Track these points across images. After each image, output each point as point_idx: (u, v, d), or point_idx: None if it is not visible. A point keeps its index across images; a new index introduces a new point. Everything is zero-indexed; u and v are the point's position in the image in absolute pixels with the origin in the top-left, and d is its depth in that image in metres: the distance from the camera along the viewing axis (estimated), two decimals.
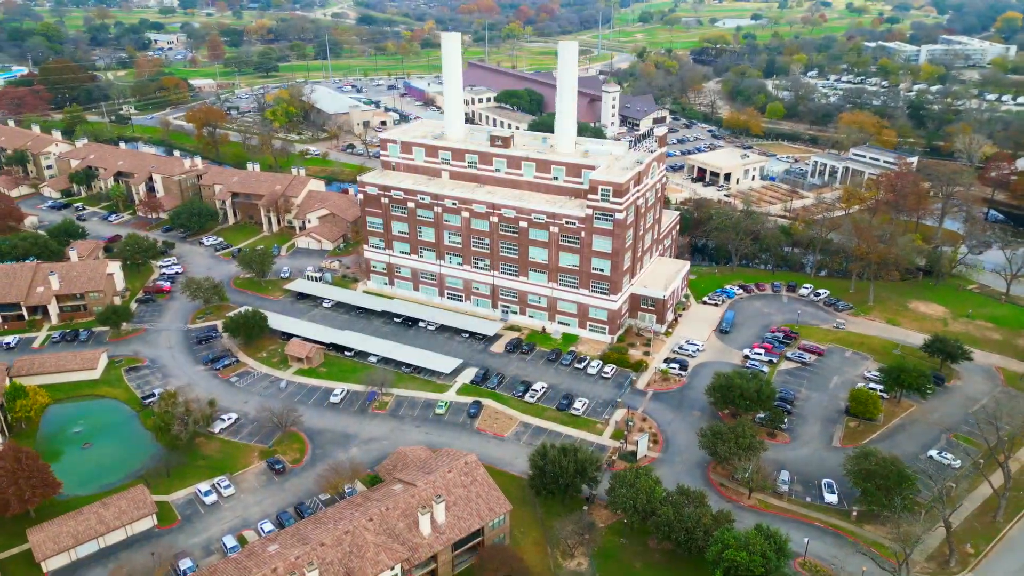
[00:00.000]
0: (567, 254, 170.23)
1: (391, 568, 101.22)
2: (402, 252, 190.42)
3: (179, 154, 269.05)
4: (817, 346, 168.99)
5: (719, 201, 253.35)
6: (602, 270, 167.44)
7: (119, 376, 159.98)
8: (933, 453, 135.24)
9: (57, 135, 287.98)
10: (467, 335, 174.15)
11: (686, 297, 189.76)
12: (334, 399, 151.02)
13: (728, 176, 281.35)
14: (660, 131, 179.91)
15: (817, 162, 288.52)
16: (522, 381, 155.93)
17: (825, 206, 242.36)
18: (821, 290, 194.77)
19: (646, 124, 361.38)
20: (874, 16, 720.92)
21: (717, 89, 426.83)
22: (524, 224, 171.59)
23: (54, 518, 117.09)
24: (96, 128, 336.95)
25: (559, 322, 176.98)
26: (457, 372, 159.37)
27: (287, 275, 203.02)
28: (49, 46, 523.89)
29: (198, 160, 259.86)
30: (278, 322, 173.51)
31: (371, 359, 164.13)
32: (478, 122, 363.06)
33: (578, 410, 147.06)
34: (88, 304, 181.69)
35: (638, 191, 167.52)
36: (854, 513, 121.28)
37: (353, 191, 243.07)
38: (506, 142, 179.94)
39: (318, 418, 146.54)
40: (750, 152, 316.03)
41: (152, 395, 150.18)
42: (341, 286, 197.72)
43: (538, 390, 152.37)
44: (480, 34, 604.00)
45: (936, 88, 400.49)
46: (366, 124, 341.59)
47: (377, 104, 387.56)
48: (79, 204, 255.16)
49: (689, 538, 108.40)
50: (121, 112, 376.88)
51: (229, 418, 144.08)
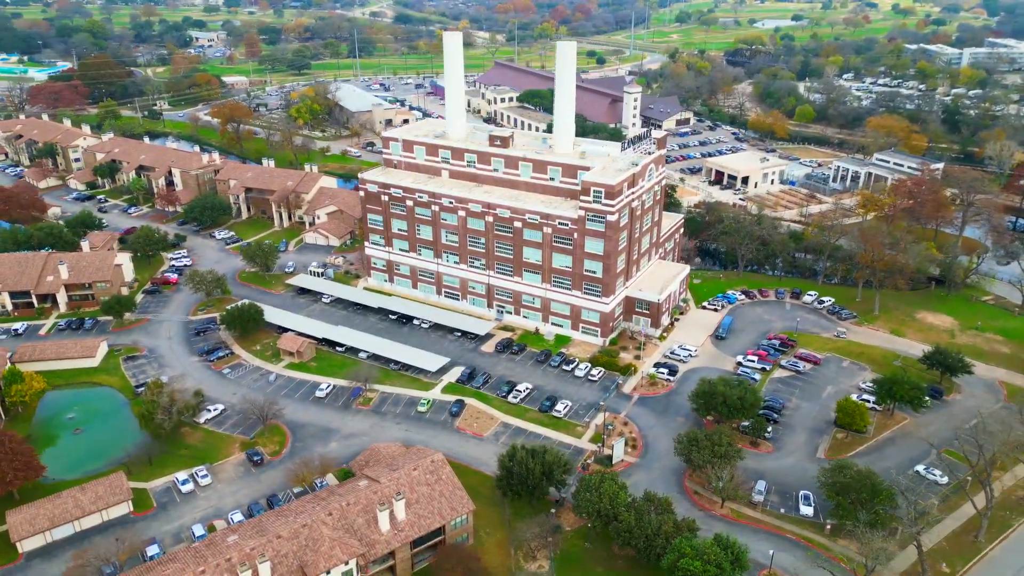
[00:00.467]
0: (560, 255, 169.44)
1: (344, 563, 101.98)
2: (401, 250, 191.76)
3: (199, 149, 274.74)
4: (814, 355, 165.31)
5: (734, 205, 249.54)
6: (594, 272, 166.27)
7: (117, 365, 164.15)
8: (920, 468, 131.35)
9: (86, 129, 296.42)
10: (459, 334, 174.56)
11: (684, 301, 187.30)
12: (320, 393, 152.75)
13: (746, 180, 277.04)
14: (658, 133, 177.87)
15: (839, 167, 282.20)
16: (507, 381, 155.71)
17: (842, 212, 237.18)
18: (826, 297, 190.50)
19: (669, 125, 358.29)
20: (920, 18, 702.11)
21: (748, 91, 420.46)
22: (518, 224, 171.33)
23: (34, 501, 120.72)
24: (128, 123, 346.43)
25: (552, 323, 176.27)
26: (444, 370, 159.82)
27: (291, 270, 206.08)
28: (94, 42, 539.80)
29: (216, 155, 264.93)
30: (274, 316, 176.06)
31: (361, 355, 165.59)
32: (500, 122, 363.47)
33: (559, 412, 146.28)
34: (96, 294, 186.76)
35: (633, 193, 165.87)
36: (828, 526, 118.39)
37: None
38: (505, 142, 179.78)
39: (302, 412, 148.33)
40: (772, 155, 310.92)
41: (144, 384, 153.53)
42: (343, 282, 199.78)
43: (522, 391, 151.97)
44: (514, 34, 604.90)
45: (974, 92, 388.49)
46: (388, 122, 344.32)
47: (402, 103, 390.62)
48: (102, 196, 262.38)
49: (649, 545, 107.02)
50: (155, 108, 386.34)
51: (215, 409, 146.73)
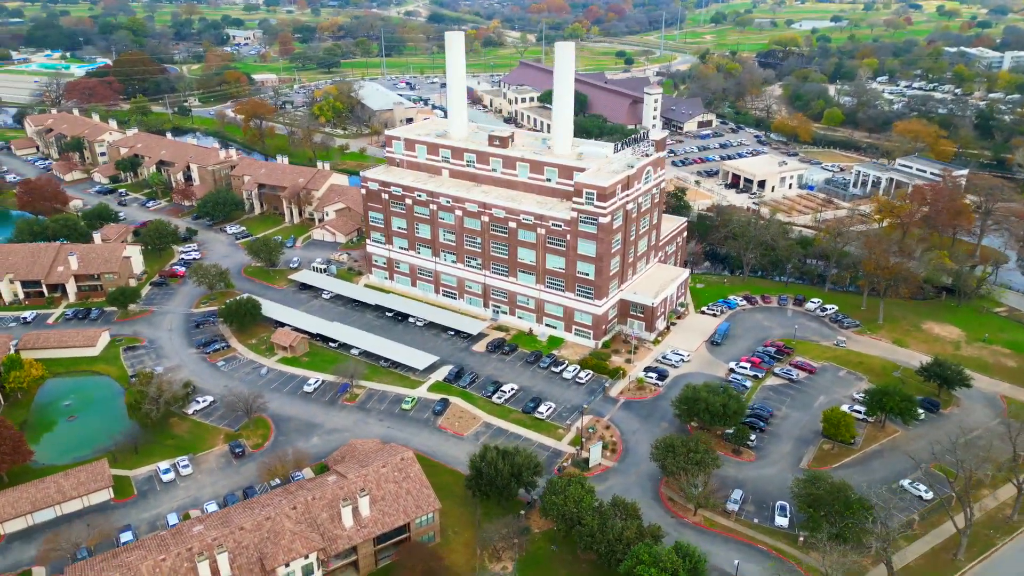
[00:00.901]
0: (553, 256, 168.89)
1: (304, 556, 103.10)
2: (401, 248, 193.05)
3: (218, 145, 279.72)
4: (809, 363, 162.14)
5: (748, 209, 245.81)
6: (587, 274, 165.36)
7: (117, 354, 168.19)
8: (905, 483, 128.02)
9: (112, 124, 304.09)
10: (453, 333, 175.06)
11: (681, 306, 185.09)
12: (308, 388, 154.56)
13: (763, 183, 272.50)
14: (656, 135, 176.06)
15: (860, 172, 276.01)
16: (494, 381, 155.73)
17: (859, 218, 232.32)
18: (829, 305, 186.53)
19: (691, 127, 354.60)
20: (965, 20, 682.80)
21: (777, 93, 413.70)
22: (513, 225, 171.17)
23: (19, 484, 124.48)
24: (158, 118, 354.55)
25: (546, 324, 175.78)
26: (432, 369, 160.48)
27: (296, 265, 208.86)
28: (133, 39, 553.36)
29: (232, 151, 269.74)
30: (271, 311, 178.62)
31: (353, 351, 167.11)
32: (521, 122, 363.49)
33: (542, 414, 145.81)
34: (103, 285, 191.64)
35: (628, 195, 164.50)
36: (801, 538, 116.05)
37: None
38: (504, 142, 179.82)
39: (289, 406, 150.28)
40: (793, 159, 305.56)
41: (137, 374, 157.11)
42: (345, 279, 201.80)
43: (507, 391, 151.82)
44: (545, 34, 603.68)
45: (1012, 97, 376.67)
46: (409, 121, 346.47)
47: (425, 102, 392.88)
48: (123, 190, 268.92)
49: (610, 551, 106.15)
50: (185, 104, 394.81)
51: (204, 400, 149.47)
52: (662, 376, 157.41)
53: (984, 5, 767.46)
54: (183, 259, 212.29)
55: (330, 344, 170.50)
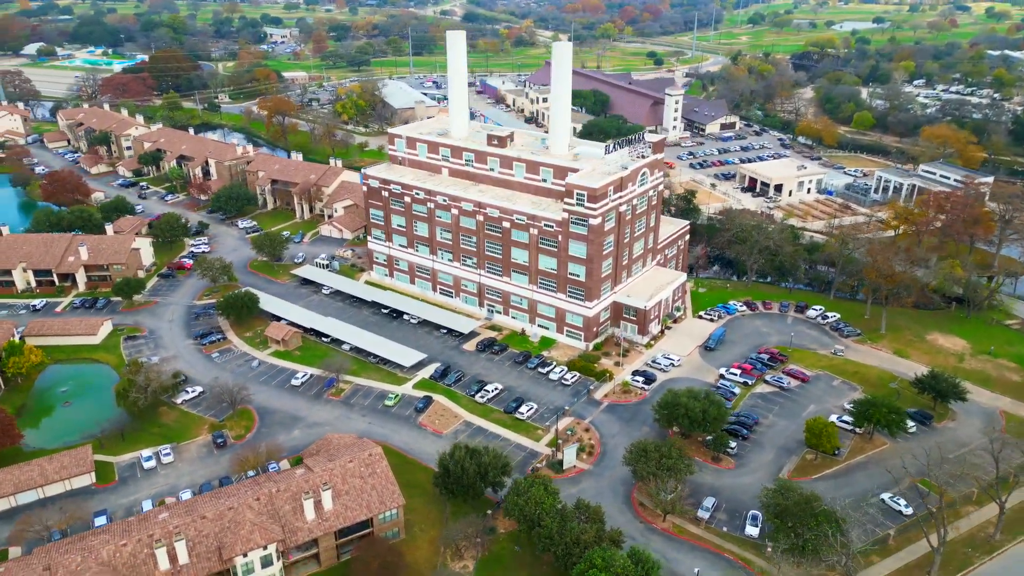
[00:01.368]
0: (545, 257, 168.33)
1: (262, 547, 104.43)
2: (400, 245, 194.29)
3: (236, 140, 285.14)
4: (802, 371, 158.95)
5: (761, 213, 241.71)
6: (578, 275, 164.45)
7: (117, 343, 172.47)
8: (886, 496, 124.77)
9: (139, 119, 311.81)
10: (445, 331, 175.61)
11: (678, 310, 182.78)
12: (295, 382, 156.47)
13: (779, 187, 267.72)
14: (653, 136, 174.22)
15: (881, 177, 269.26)
16: (478, 380, 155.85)
17: (875, 225, 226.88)
18: (831, 313, 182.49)
19: (713, 129, 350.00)
20: (1015, 22, 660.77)
21: (808, 96, 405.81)
22: (507, 224, 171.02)
23: (6, 467, 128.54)
24: (188, 114, 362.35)
25: (539, 325, 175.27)
26: (420, 366, 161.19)
27: (300, 260, 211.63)
28: (173, 37, 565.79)
29: (250, 147, 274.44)
30: (269, 304, 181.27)
31: (344, 347, 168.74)
32: (542, 121, 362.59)
33: (523, 414, 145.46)
34: (112, 275, 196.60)
35: (621, 197, 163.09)
36: (768, 549, 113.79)
37: None
38: (502, 142, 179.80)
39: (276, 399, 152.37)
40: (815, 163, 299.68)
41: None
42: (348, 275, 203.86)
43: (491, 391, 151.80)
44: (578, 33, 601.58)
45: None
46: (429, 119, 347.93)
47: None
48: (144, 184, 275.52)
49: (567, 553, 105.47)
50: (215, 100, 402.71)
51: (193, 391, 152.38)
52: (649, 380, 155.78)
53: None
54: (192, 252, 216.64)
55: (323, 339, 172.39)
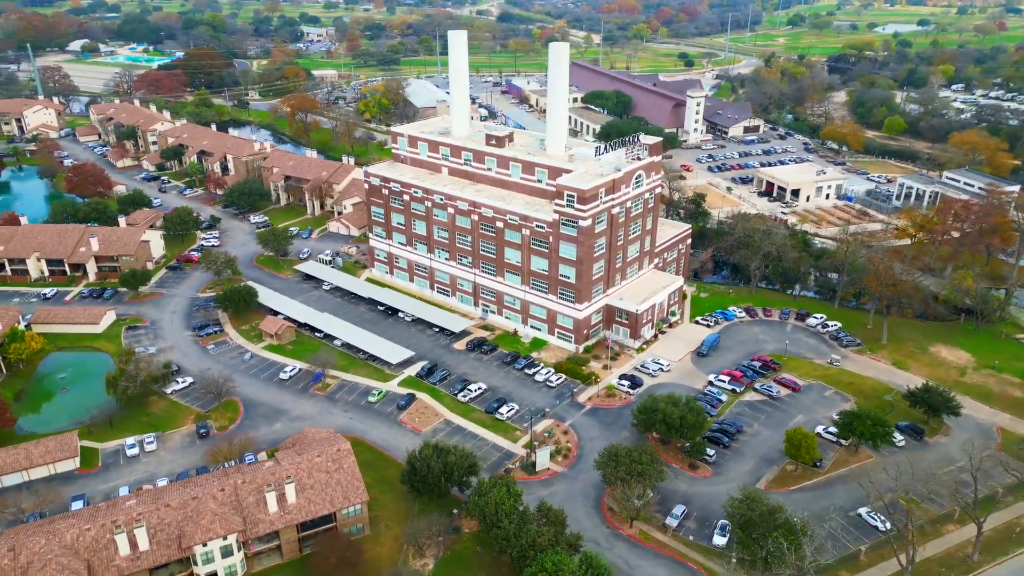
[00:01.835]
0: (537, 258, 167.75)
1: (222, 537, 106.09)
2: (400, 243, 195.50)
3: (254, 136, 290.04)
4: (794, 380, 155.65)
5: (775, 219, 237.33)
6: (568, 277, 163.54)
7: (118, 333, 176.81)
8: (863, 511, 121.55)
9: (166, 115, 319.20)
10: (437, 329, 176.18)
11: (673, 314, 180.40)
12: (284, 376, 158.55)
13: (797, 192, 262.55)
14: (648, 139, 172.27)
15: (903, 184, 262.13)
16: (463, 380, 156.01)
17: (891, 232, 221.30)
18: (832, 322, 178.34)
19: (736, 132, 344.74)
20: None
21: (841, 99, 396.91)
22: (500, 224, 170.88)
23: None
24: (218, 110, 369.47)
25: (532, 326, 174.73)
26: (407, 363, 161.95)
27: (305, 256, 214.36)
28: (212, 35, 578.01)
29: (267, 143, 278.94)
30: (267, 298, 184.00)
31: (336, 342, 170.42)
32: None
33: (503, 415, 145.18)
34: (121, 266, 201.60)
35: (613, 199, 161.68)
36: (732, 559, 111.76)
37: None
38: (500, 141, 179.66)
39: (263, 391, 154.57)
40: (838, 168, 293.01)
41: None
42: (350, 271, 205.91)
43: (474, 390, 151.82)
44: (611, 34, 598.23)
45: None
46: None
47: (473, 100, 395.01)
48: (164, 178, 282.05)
49: (522, 556, 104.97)
50: (244, 97, 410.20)
51: (184, 381, 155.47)
52: (636, 384, 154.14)
53: None
54: (202, 245, 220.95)
55: (316, 334, 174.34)
